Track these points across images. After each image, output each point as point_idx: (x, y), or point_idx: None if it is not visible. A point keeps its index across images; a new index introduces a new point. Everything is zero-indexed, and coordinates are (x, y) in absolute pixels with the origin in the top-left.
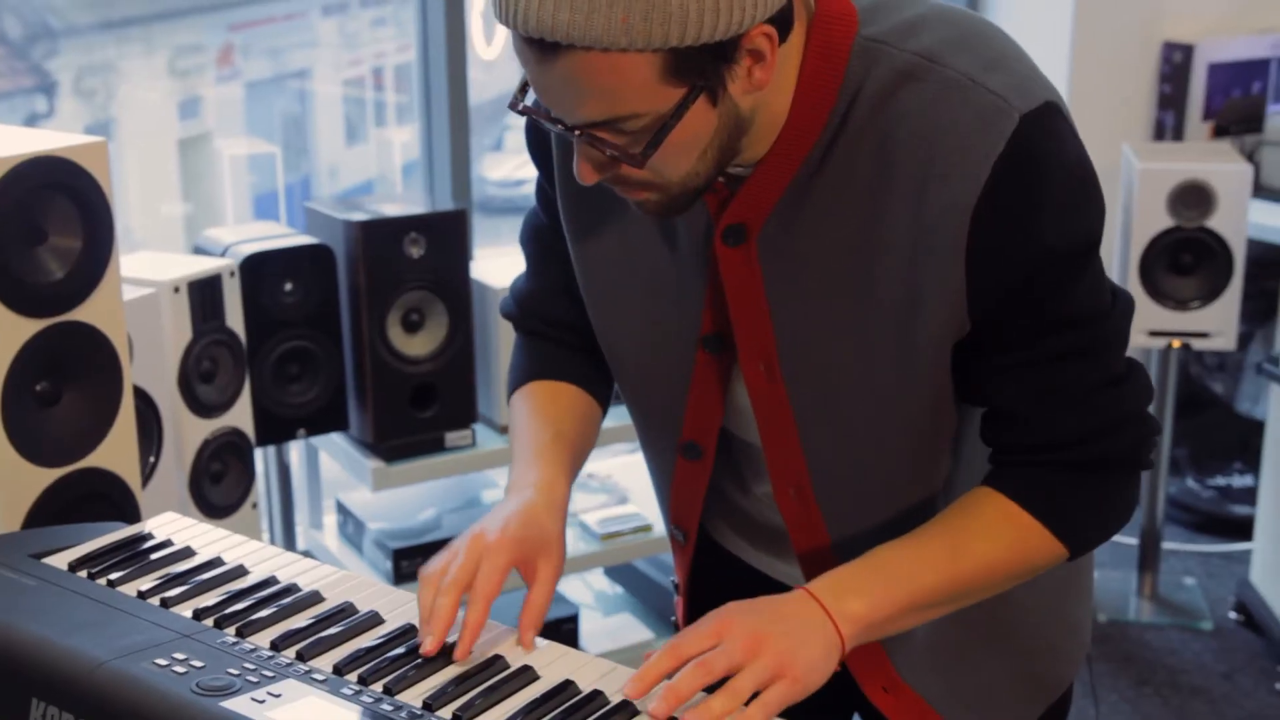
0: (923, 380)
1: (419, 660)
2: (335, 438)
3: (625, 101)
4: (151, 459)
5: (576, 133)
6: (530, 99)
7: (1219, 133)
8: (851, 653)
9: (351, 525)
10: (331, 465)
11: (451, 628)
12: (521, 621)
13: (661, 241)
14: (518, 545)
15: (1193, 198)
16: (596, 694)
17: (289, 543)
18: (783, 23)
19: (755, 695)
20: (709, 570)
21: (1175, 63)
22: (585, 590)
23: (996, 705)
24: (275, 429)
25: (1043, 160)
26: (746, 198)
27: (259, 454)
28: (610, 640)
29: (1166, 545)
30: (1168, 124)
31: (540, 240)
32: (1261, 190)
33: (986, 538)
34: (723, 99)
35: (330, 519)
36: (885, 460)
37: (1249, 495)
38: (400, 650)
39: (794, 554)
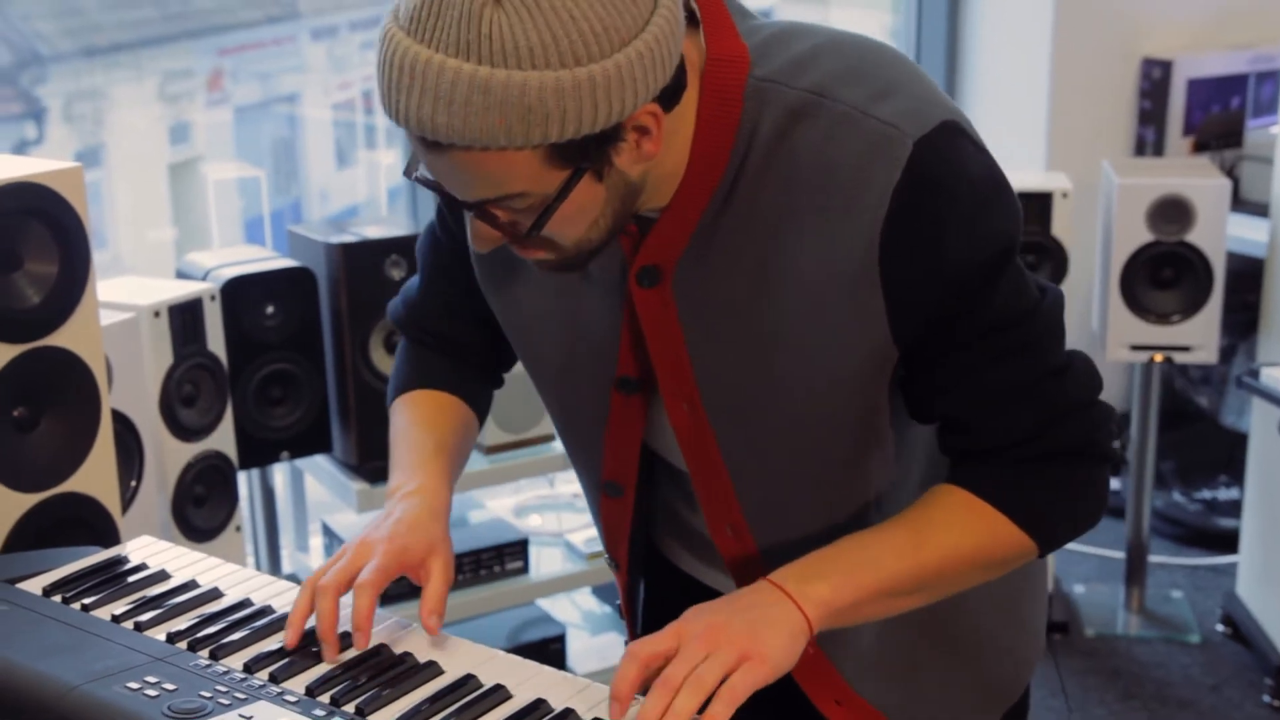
0: (846, 411)
1: (391, 682)
2: (320, 460)
3: (511, 185)
4: (133, 483)
5: (470, 208)
6: (423, 170)
7: (1199, 148)
8: (799, 665)
9: (337, 547)
10: (317, 487)
11: (337, 629)
12: (422, 610)
13: (578, 284)
14: (405, 551)
15: (1172, 212)
16: (568, 712)
17: (274, 565)
18: (671, 94)
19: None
20: (662, 593)
21: (1154, 79)
22: (572, 610)
23: (952, 713)
24: (258, 452)
25: (942, 181)
26: (657, 240)
27: (243, 477)
28: (598, 659)
29: (1153, 558)
30: (1148, 140)
31: (436, 255)
32: (1241, 204)
33: (950, 527)
34: (609, 174)
35: (316, 541)
36: (817, 493)
37: (1235, 508)
38: (373, 672)
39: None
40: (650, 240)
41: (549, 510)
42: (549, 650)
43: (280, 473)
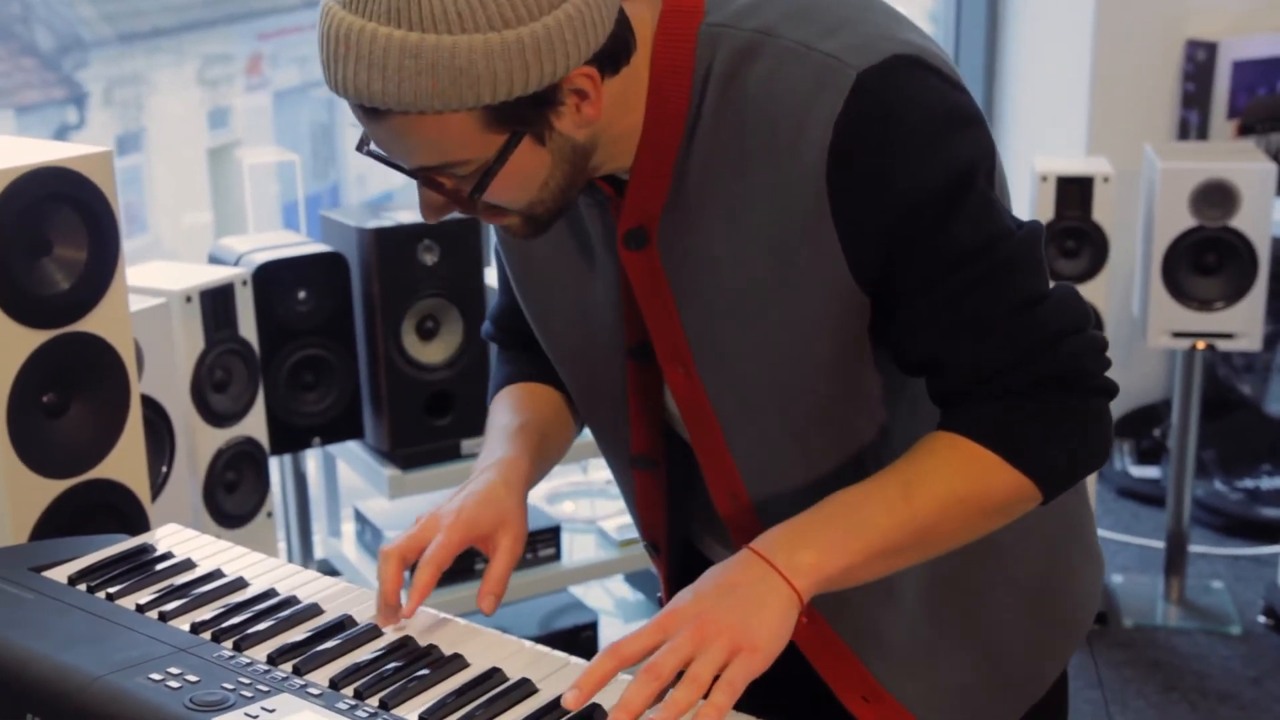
0: (821, 352)
1: (416, 674)
2: (352, 446)
3: (450, 151)
4: (164, 469)
5: (415, 174)
6: (373, 145)
7: (1244, 131)
8: (827, 663)
9: (369, 533)
10: (349, 473)
11: (398, 597)
12: (481, 588)
13: (580, 257)
14: (472, 525)
15: (1216, 197)
16: (594, 707)
17: (306, 552)
18: (609, 58)
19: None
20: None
21: (1199, 61)
22: (605, 597)
23: (975, 706)
24: (290, 438)
25: (886, 111)
26: (634, 201)
27: (274, 463)
28: None
29: (1194, 548)
30: (1192, 123)
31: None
32: None
33: (939, 473)
34: (551, 137)
35: (348, 527)
36: (809, 451)
37: (1278, 498)
38: (397, 664)
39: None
40: (628, 202)
41: (582, 497)
42: (581, 638)
43: (312, 459)
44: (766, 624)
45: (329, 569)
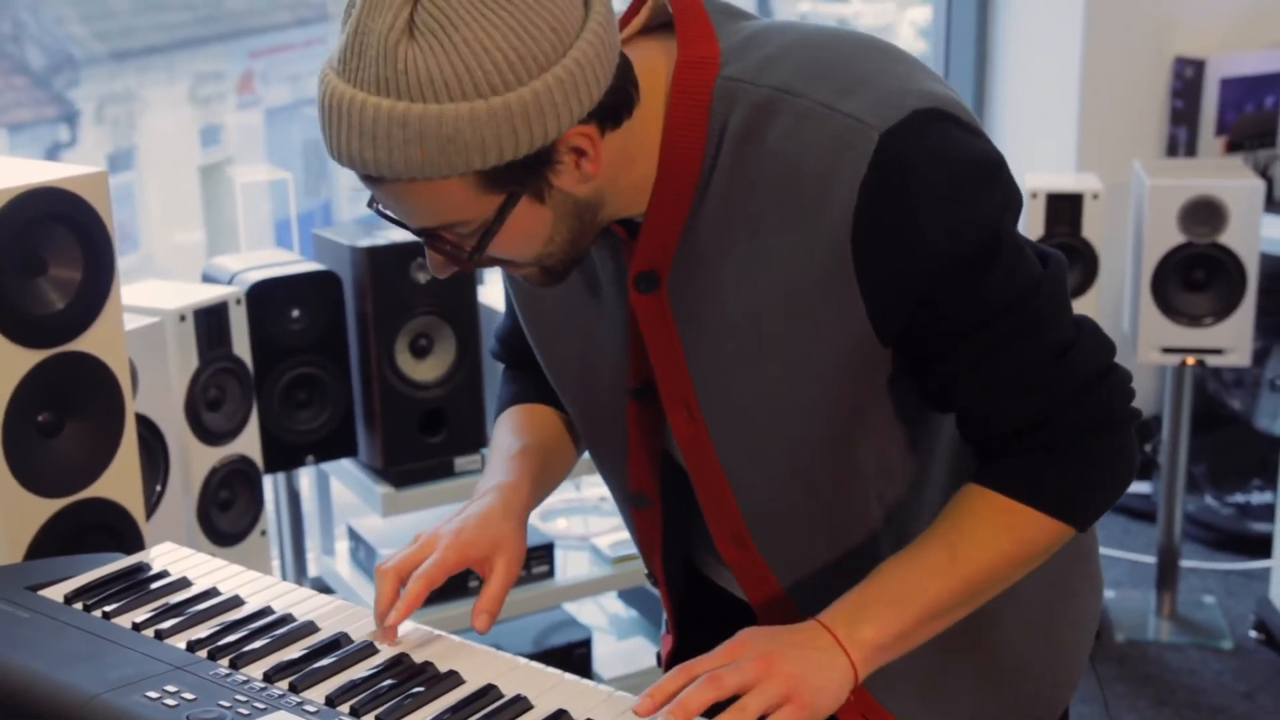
0: (833, 405)
1: (412, 691)
2: (345, 464)
3: (447, 214)
4: (158, 488)
5: (419, 235)
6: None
7: (1232, 148)
8: None
9: (363, 551)
10: (342, 491)
11: (389, 612)
12: (475, 606)
13: (588, 295)
14: (469, 546)
15: (1204, 213)
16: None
17: (300, 570)
18: (610, 112)
19: None
20: (699, 608)
21: (1187, 78)
22: (599, 614)
23: None
24: (284, 456)
25: (910, 172)
26: (647, 245)
27: (268, 481)
28: (624, 664)
29: (1185, 563)
30: (1180, 140)
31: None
32: (1274, 205)
33: (981, 532)
34: (550, 195)
35: (342, 545)
36: (813, 496)
37: (1268, 512)
38: (393, 681)
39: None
40: (641, 246)
41: (575, 514)
42: (575, 655)
43: (305, 476)
44: (824, 688)
45: (323, 587)
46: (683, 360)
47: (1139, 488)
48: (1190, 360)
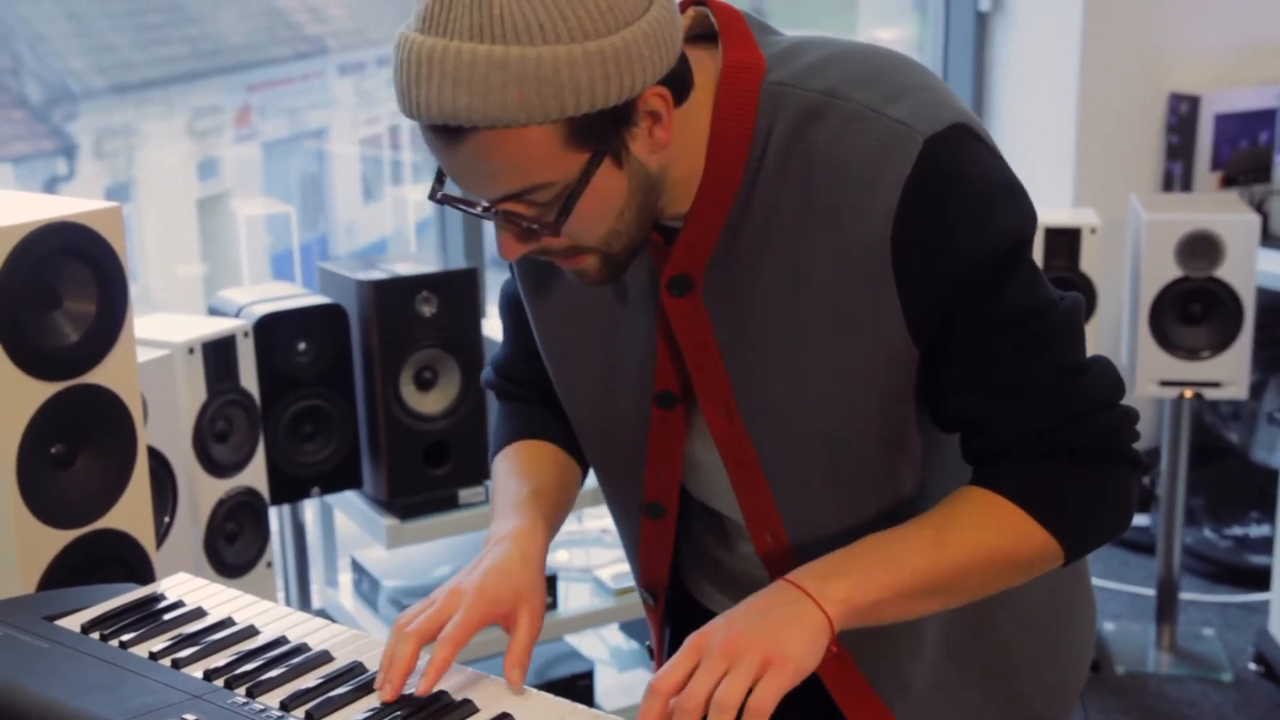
0: (871, 405)
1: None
2: (350, 496)
3: (532, 173)
4: (166, 519)
5: (494, 210)
6: (448, 187)
7: (1228, 183)
8: (851, 704)
9: (366, 583)
10: (346, 523)
11: (409, 675)
12: (506, 661)
13: (613, 301)
14: (493, 603)
15: (1201, 248)
16: None
17: (304, 601)
18: (677, 83)
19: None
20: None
21: (1182, 114)
22: (600, 646)
23: None
24: (289, 488)
25: (951, 177)
26: (684, 248)
27: (273, 513)
28: (626, 696)
29: (1184, 596)
30: (1176, 174)
31: (513, 309)
32: (1270, 239)
33: (972, 524)
34: (628, 160)
35: (345, 577)
36: (850, 498)
37: (1266, 545)
38: (408, 710)
39: None
40: (677, 249)
41: (577, 546)
42: (577, 686)
43: (310, 508)
44: (797, 638)
45: (326, 619)
46: (720, 363)
47: (1138, 520)
48: (1188, 393)
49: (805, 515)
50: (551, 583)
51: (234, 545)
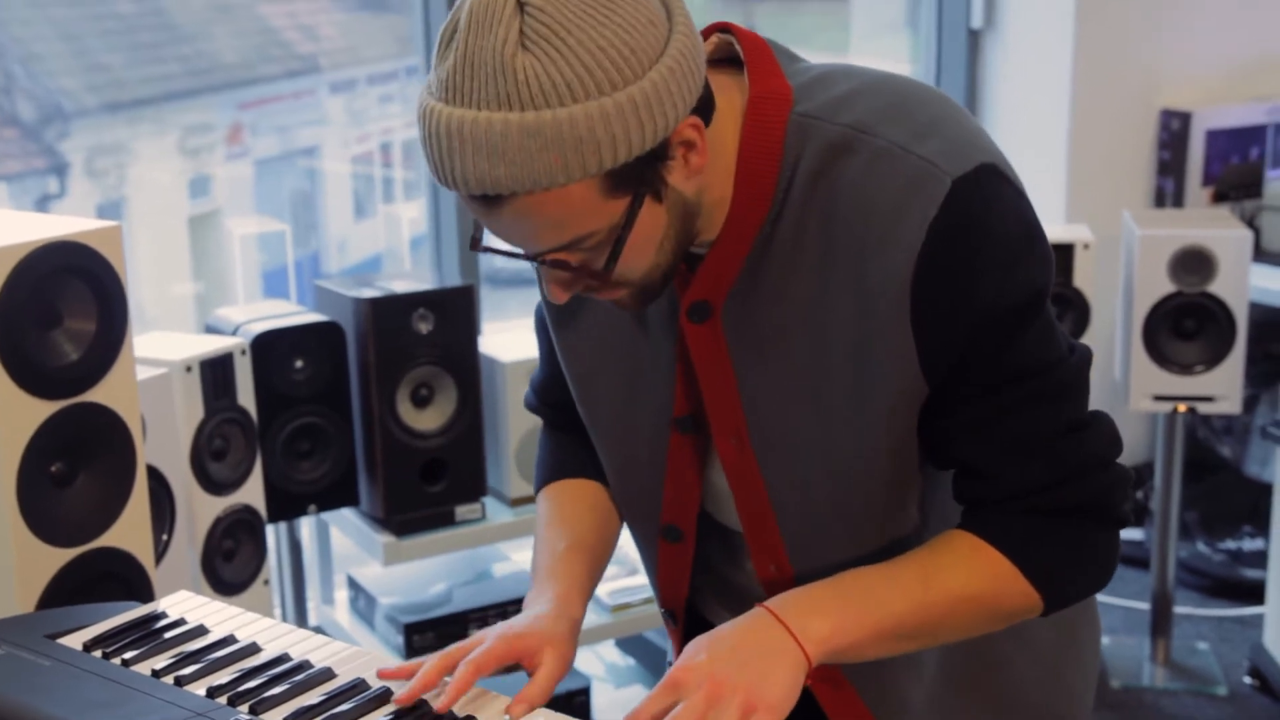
0: (881, 440)
1: None
2: (346, 513)
3: (576, 226)
4: (164, 537)
5: (540, 260)
6: (487, 239)
7: (1219, 198)
8: (839, 715)
9: (363, 600)
10: (343, 541)
11: (430, 690)
12: (519, 694)
13: (633, 324)
14: (518, 639)
15: (1194, 263)
16: None
17: (300, 619)
18: (705, 106)
19: None
20: None
21: (1173, 130)
22: (597, 662)
23: None
24: (286, 505)
25: (977, 221)
26: (706, 276)
27: (270, 530)
28: (622, 713)
29: (1178, 610)
30: (1168, 190)
31: (545, 329)
32: (1262, 255)
33: (958, 570)
34: (667, 193)
35: (342, 594)
36: (855, 532)
37: (1260, 559)
38: None
39: None
40: (700, 275)
41: None
42: (574, 703)
43: (306, 526)
44: (779, 684)
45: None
46: (734, 389)
47: (1132, 534)
48: (1181, 408)
49: (810, 546)
50: None
51: (231, 563)
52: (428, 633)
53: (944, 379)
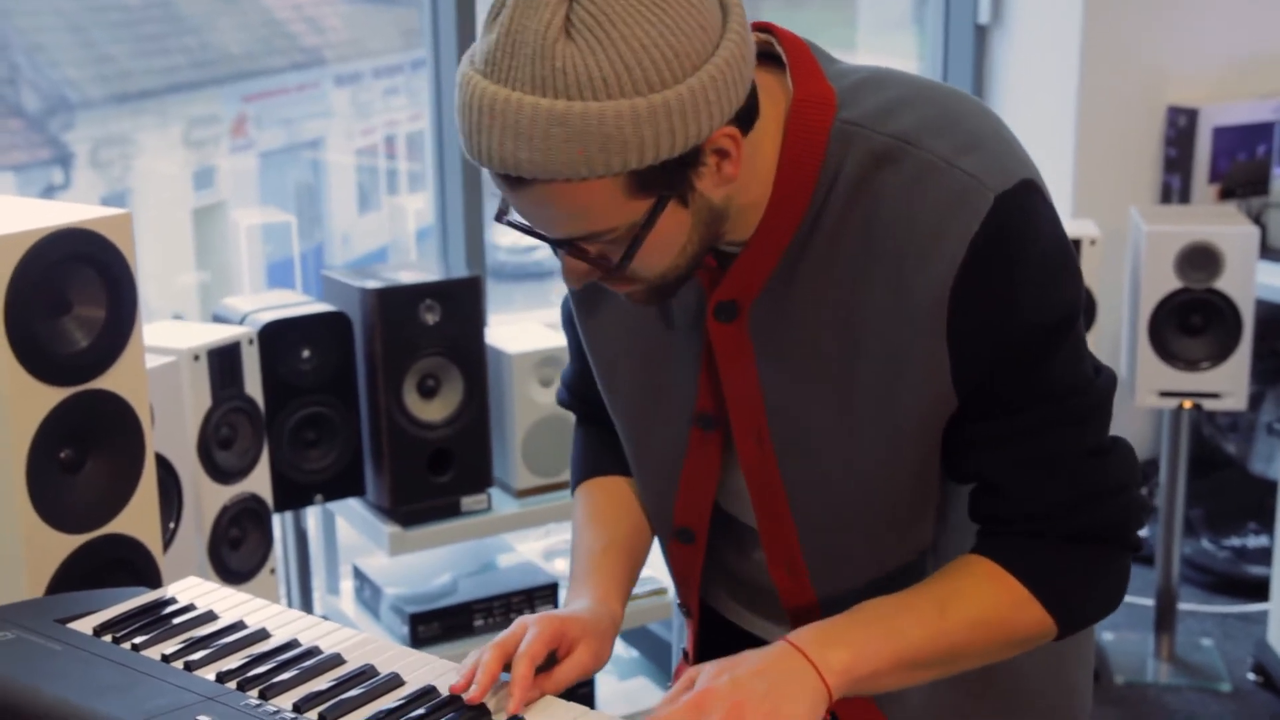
0: (906, 452)
1: None
2: (352, 503)
3: (594, 221)
4: (172, 525)
5: (558, 244)
6: (512, 214)
7: (1225, 195)
8: (841, 707)
9: (368, 590)
10: (348, 531)
11: (494, 682)
12: (537, 678)
13: (658, 319)
14: (563, 623)
15: (1200, 259)
16: None
17: (306, 608)
18: (747, 116)
19: None
20: (709, 638)
21: (1180, 126)
22: None
23: None
24: (293, 495)
25: (1018, 239)
26: (737, 276)
27: (276, 520)
28: (627, 704)
29: (1183, 606)
30: (1174, 187)
31: (572, 322)
32: (1269, 251)
33: (975, 597)
34: (693, 199)
35: (347, 584)
36: (873, 540)
37: (1264, 555)
38: (420, 711)
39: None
40: (730, 276)
41: None
42: (578, 694)
43: (311, 515)
44: (798, 713)
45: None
46: (758, 391)
47: None
48: (1187, 404)
49: (826, 550)
50: (553, 591)
51: (238, 551)
52: (433, 623)
53: (973, 394)
